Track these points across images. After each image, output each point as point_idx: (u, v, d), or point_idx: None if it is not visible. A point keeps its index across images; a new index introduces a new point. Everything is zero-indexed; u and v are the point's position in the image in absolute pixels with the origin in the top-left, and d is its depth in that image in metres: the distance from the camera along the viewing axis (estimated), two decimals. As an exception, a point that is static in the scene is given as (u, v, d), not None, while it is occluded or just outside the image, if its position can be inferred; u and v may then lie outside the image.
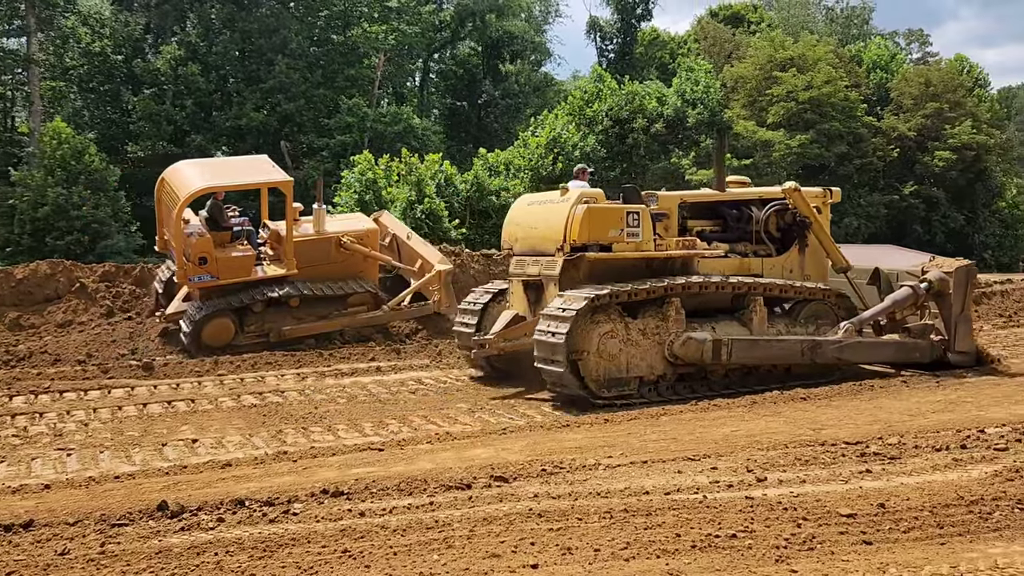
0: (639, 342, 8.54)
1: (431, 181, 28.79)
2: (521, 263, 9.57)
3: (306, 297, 12.24)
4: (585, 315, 8.11)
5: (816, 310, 9.74)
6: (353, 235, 13.13)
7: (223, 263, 11.89)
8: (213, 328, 11.71)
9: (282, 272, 12.31)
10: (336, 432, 7.53)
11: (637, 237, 8.80)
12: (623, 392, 8.49)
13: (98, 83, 41.93)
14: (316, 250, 12.71)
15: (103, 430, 7.60)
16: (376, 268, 13.47)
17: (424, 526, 4.79)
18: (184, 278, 11.92)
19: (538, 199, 10.01)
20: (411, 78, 55.40)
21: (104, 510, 5.20)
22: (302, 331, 12.18)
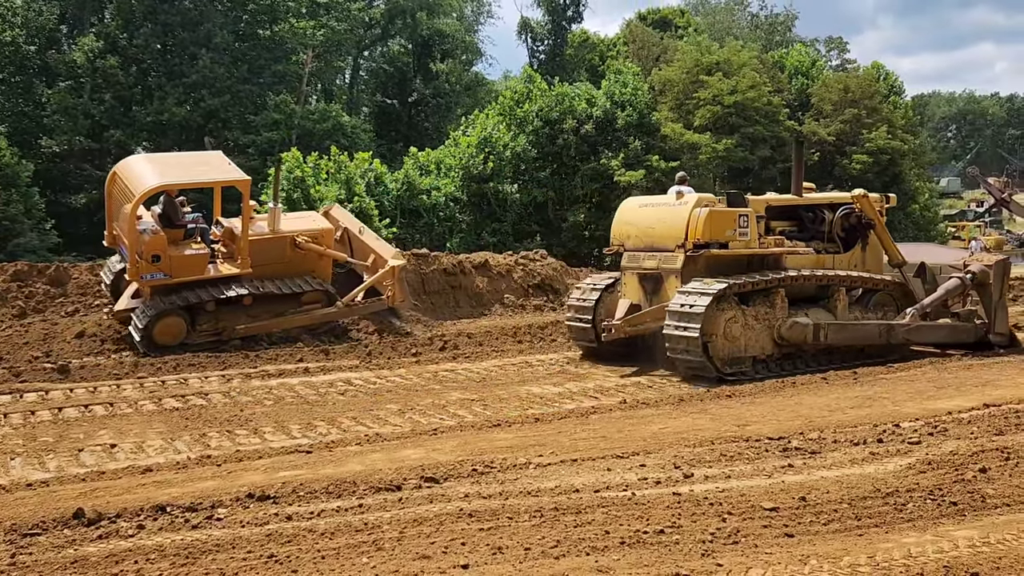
0: (753, 326, 9.87)
1: (361, 180, 28.50)
2: (635, 258, 10.80)
3: (259, 296, 12.05)
4: (715, 303, 9.35)
5: (881, 299, 11.18)
6: (308, 234, 12.94)
7: (176, 261, 11.64)
8: (164, 327, 11.44)
9: (236, 271, 12.10)
10: (262, 435, 7.37)
11: (746, 236, 10.17)
12: (741, 369, 9.76)
13: (9, 74, 40.13)
14: (270, 249, 12.53)
15: (14, 436, 7.27)
16: (330, 266, 13.29)
17: (353, 528, 4.73)
18: (136, 276, 11.59)
19: (649, 201, 11.53)
20: (340, 75, 54.72)
21: (15, 519, 4.98)
22: (255, 329, 12.00)
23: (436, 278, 16.65)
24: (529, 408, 8.33)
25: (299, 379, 9.95)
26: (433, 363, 10.98)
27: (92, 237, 38.57)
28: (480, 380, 9.87)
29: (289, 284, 12.36)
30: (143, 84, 39.81)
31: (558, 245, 33.45)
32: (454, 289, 16.88)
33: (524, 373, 10.34)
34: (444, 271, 16.74)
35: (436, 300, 16.58)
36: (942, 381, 9.26)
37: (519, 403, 8.57)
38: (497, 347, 12.16)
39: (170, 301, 11.54)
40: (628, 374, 10.17)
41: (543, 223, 35.56)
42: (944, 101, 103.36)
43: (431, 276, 16.60)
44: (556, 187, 35.94)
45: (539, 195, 35.08)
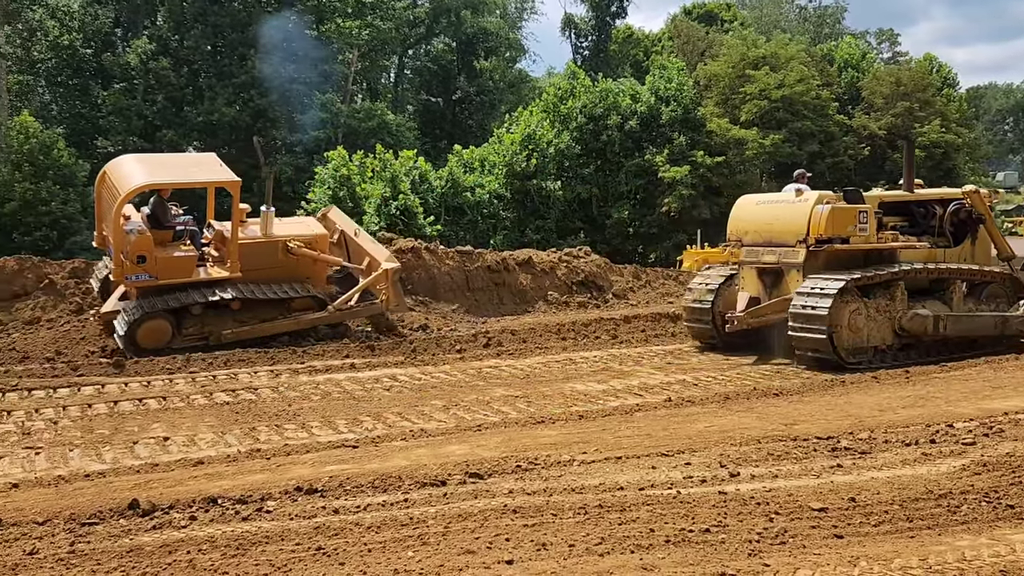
0: (875, 318, 10.26)
1: (405, 177, 28.71)
2: (754, 252, 11.22)
3: (247, 300, 11.74)
4: (840, 296, 9.78)
5: (993, 291, 11.45)
6: (301, 239, 12.64)
7: (163, 262, 11.37)
8: (148, 329, 11.17)
9: (225, 274, 11.83)
10: (310, 429, 7.48)
11: (865, 232, 10.55)
12: (863, 359, 10.14)
13: (66, 77, 41.29)
14: (262, 253, 12.26)
15: (72, 428, 7.49)
16: (324, 272, 13.01)
17: (399, 523, 4.78)
18: (121, 276, 11.36)
19: (767, 199, 11.88)
20: (385, 74, 55.17)
21: (74, 509, 5.13)
22: (242, 334, 11.68)
23: (480, 275, 16.72)
24: (573, 405, 8.32)
25: (345, 375, 10.07)
26: (477, 359, 11.02)
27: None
28: (524, 377, 9.88)
29: (276, 290, 12.00)
30: (194, 85, 40.61)
31: (602, 242, 33.33)
32: (498, 286, 16.94)
33: (568, 370, 10.32)
34: (488, 268, 16.80)
35: (480, 297, 16.66)
36: (998, 381, 9.03)
37: (563, 400, 8.57)
38: (541, 344, 12.17)
39: (155, 303, 11.25)
40: (674, 371, 10.10)
41: (587, 220, 35.45)
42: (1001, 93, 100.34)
43: (475, 273, 16.67)
44: (600, 184, 35.81)
45: (583, 192, 35.00)
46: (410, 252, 16.35)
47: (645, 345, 12.18)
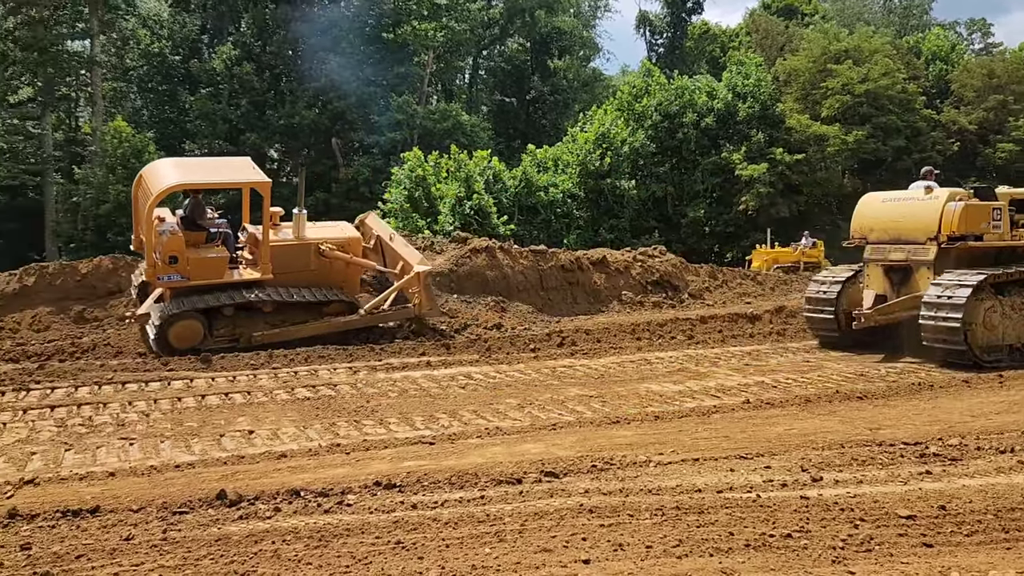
0: (1011, 316, 10.21)
1: (480, 177, 28.94)
2: (880, 250, 11.23)
3: (279, 303, 11.80)
4: (975, 293, 9.76)
5: None
6: (333, 242, 12.61)
7: (194, 263, 11.45)
8: (180, 329, 11.25)
9: (256, 276, 11.86)
10: (388, 425, 7.60)
11: (999, 229, 10.59)
12: (998, 357, 10.05)
13: (157, 83, 42.99)
14: (294, 256, 12.27)
15: (163, 420, 7.80)
16: (358, 275, 12.96)
17: (475, 519, 4.83)
18: (153, 276, 11.51)
19: (893, 196, 11.75)
20: (460, 75, 55.69)
21: (165, 498, 5.34)
22: (272, 337, 11.71)
23: (554, 274, 16.72)
24: (648, 406, 8.25)
25: (421, 372, 10.21)
26: (551, 359, 11.03)
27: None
28: (598, 376, 9.84)
29: (306, 293, 12.01)
30: (276, 89, 41.78)
31: (677, 241, 32.97)
32: (571, 285, 16.91)
33: (643, 370, 10.24)
34: (562, 267, 16.78)
35: (553, 296, 16.66)
36: (1101, 387, 8.57)
37: (638, 400, 8.51)
38: (615, 344, 12.10)
39: (187, 304, 11.32)
40: (752, 373, 9.91)
41: (662, 219, 35.10)
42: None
43: (549, 273, 16.68)
44: (675, 182, 35.41)
45: (657, 190, 34.68)
46: (484, 251, 16.47)
47: (722, 346, 11.99)
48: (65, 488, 5.69)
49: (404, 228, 26.53)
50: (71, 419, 7.79)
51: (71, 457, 6.54)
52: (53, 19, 37.44)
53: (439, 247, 17.77)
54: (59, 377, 9.59)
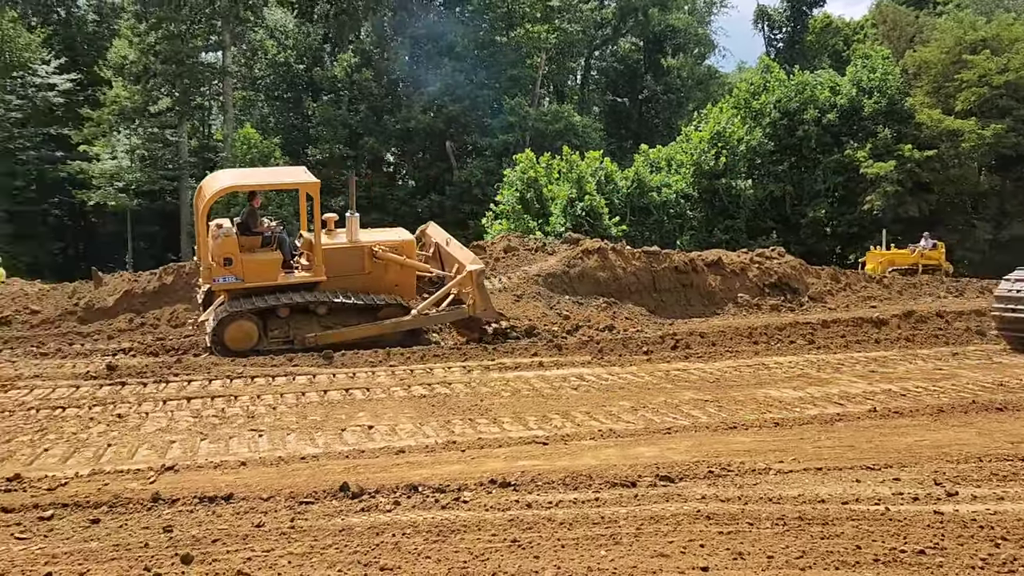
0: None
1: (591, 178, 28.84)
2: None
3: (333, 305, 11.92)
4: None
5: None
6: (386, 245, 12.65)
7: (248, 265, 11.67)
8: (235, 330, 11.52)
9: (310, 278, 12.02)
10: (501, 424, 7.69)
11: None
12: None
13: (282, 91, 44.97)
14: (348, 258, 12.36)
15: (289, 414, 8.15)
16: (413, 278, 12.90)
17: (590, 521, 4.82)
18: (209, 279, 11.80)
19: None
20: (572, 76, 55.69)
21: (292, 488, 5.58)
22: (326, 338, 11.84)
23: (667, 276, 16.49)
24: (767, 412, 8.02)
25: (534, 372, 10.27)
26: (665, 362, 10.88)
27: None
28: (714, 381, 9.64)
29: (365, 297, 12.08)
30: (393, 94, 42.96)
31: (796, 242, 31.90)
32: (685, 287, 16.63)
33: (761, 375, 9.95)
34: (675, 269, 16.53)
35: (667, 298, 16.43)
36: None
37: (756, 406, 8.28)
38: (731, 347, 11.81)
39: (241, 305, 11.53)
40: (878, 380, 9.47)
41: (780, 219, 34.02)
42: None
43: (662, 274, 16.47)
44: (794, 181, 34.25)
45: (775, 190, 33.63)
46: (596, 253, 16.42)
47: (845, 351, 11.50)
48: (201, 475, 6.03)
49: (515, 230, 26.75)
50: (206, 410, 8.25)
51: (206, 446, 6.93)
52: (190, 33, 39.75)
53: (551, 248, 17.84)
54: (194, 371, 10.17)
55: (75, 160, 39.99)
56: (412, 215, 41.69)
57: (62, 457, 6.59)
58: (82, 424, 7.66)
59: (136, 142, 40.00)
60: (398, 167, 47.56)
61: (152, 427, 7.56)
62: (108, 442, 7.01)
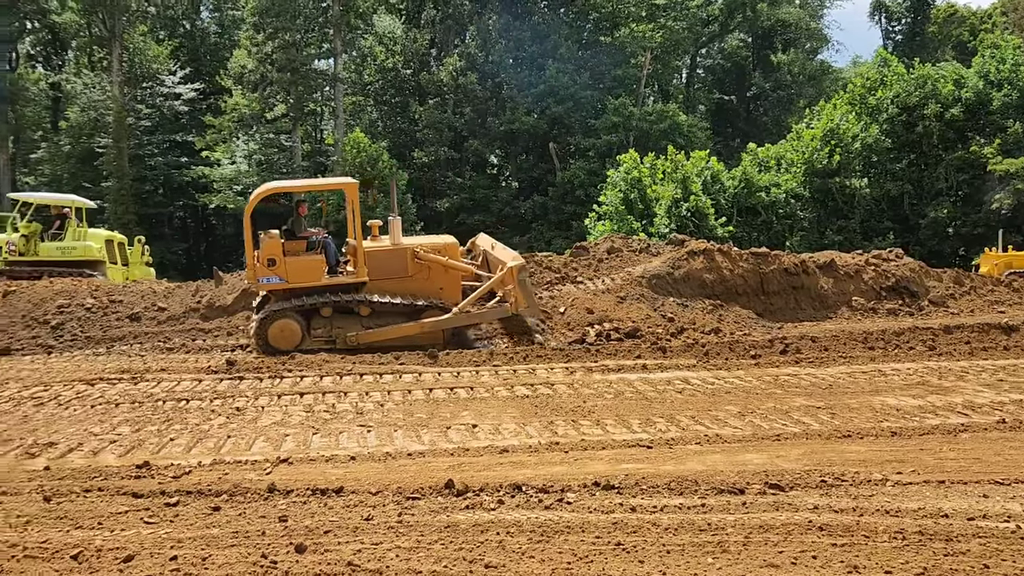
0: None
1: (697, 178, 28.35)
2: None
3: (375, 306, 12.08)
4: None
5: None
6: (428, 247, 12.79)
7: (292, 266, 11.98)
8: (279, 329, 11.84)
9: (352, 279, 12.21)
10: (604, 427, 7.64)
11: None
12: None
13: (390, 96, 46.13)
14: (391, 260, 12.48)
15: (396, 411, 8.34)
16: (458, 283, 12.82)
17: (696, 528, 4.73)
18: (254, 279, 12.15)
19: None
20: (677, 75, 54.83)
21: (400, 483, 5.71)
22: (368, 337, 12.01)
23: (776, 278, 16.03)
24: (884, 420, 7.67)
25: (637, 375, 10.16)
26: (774, 366, 10.56)
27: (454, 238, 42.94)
28: (826, 387, 9.29)
29: (406, 299, 12.19)
30: (497, 96, 43.38)
31: (915, 244, 30.41)
32: (795, 290, 16.13)
33: (876, 382, 9.53)
34: (785, 271, 16.06)
35: (776, 301, 15.98)
36: None
37: (872, 414, 7.93)
38: (844, 353, 11.36)
39: (284, 304, 11.87)
40: (1007, 390, 8.91)
41: (897, 219, 32.49)
42: None
43: (771, 276, 16.02)
44: (913, 180, 32.65)
45: (892, 189, 32.14)
46: (702, 254, 16.11)
47: (970, 359, 10.88)
48: (313, 468, 6.26)
49: (619, 231, 26.56)
50: (317, 406, 8.54)
51: (318, 440, 7.17)
52: (304, 42, 41.30)
53: (655, 249, 17.61)
54: (307, 367, 10.55)
55: (198, 165, 42.23)
56: (515, 216, 42.06)
57: (186, 447, 6.96)
58: (204, 416, 8.07)
59: (253, 147, 41.89)
60: (501, 169, 48.00)
61: (268, 420, 7.89)
62: (228, 434, 7.36)
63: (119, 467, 6.29)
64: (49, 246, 19.99)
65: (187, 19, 51.33)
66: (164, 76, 45.04)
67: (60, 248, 20.02)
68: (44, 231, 20.32)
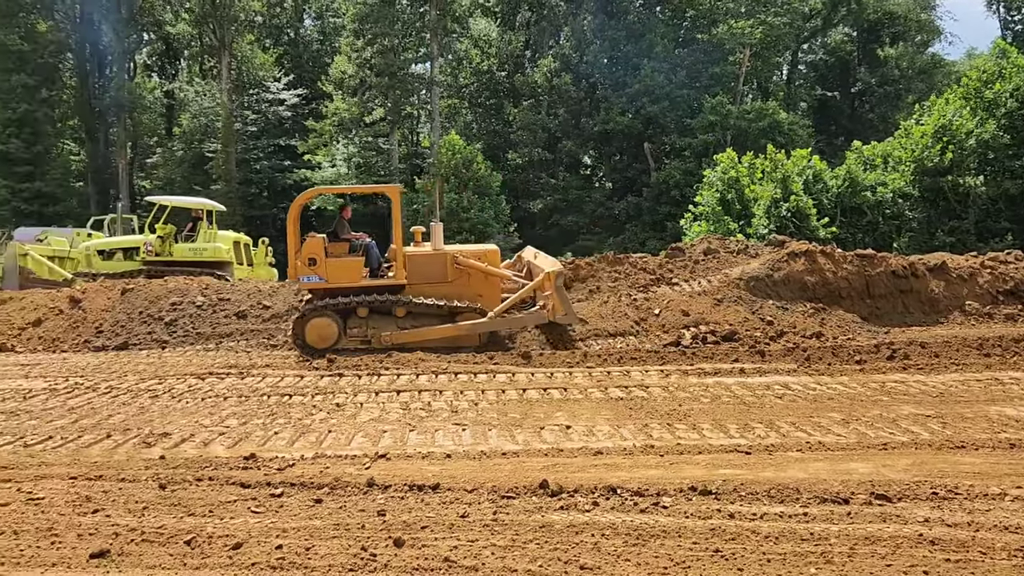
0: None
1: (798, 178, 27.49)
2: None
3: (411, 308, 12.24)
4: None
5: None
6: (469, 253, 12.88)
7: (332, 267, 12.26)
8: (316, 327, 12.09)
9: (391, 282, 12.41)
10: (701, 431, 7.51)
11: None
12: None
13: (485, 98, 46.58)
14: (431, 265, 12.65)
15: (490, 410, 8.42)
16: (498, 290, 12.88)
17: (798, 537, 4.60)
18: (295, 277, 12.48)
19: None
20: (777, 71, 53.33)
21: (494, 482, 5.76)
22: (402, 337, 12.14)
23: (882, 281, 15.39)
24: (1001, 431, 7.26)
25: (734, 379, 9.94)
26: (880, 372, 10.15)
27: (547, 239, 43.08)
28: (937, 395, 8.87)
29: (442, 301, 12.26)
30: (591, 97, 43.23)
31: (1036, 245, 28.60)
32: (903, 293, 15.44)
33: (993, 391, 9.03)
34: (892, 274, 15.40)
35: (882, 305, 15.34)
36: None
37: (987, 424, 7.53)
38: (957, 360, 10.81)
39: (323, 303, 12.12)
40: None
41: (1016, 220, 30.66)
42: None
43: (876, 279, 15.39)
44: (1034, 178, 30.72)
45: (1012, 187, 30.34)
46: (803, 256, 15.62)
47: (1098, 368, 10.19)
48: (410, 464, 6.38)
49: (715, 231, 26.03)
50: (413, 403, 8.70)
51: (414, 437, 7.31)
52: (401, 46, 42.16)
53: (753, 251, 17.18)
54: (404, 365, 10.77)
55: (300, 168, 43.67)
56: (609, 217, 41.80)
57: (289, 440, 7.21)
58: (306, 411, 8.34)
59: (352, 150, 43.03)
60: (595, 169, 47.78)
61: (366, 416, 8.09)
62: (328, 428, 7.59)
63: (228, 458, 6.57)
64: (182, 247, 21.07)
65: (291, 27, 53.19)
66: (269, 83, 46.81)
67: (192, 249, 21.08)
68: (177, 233, 21.41)
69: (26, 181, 42.21)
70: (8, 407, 8.66)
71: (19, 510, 5.31)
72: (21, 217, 40.35)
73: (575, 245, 38.96)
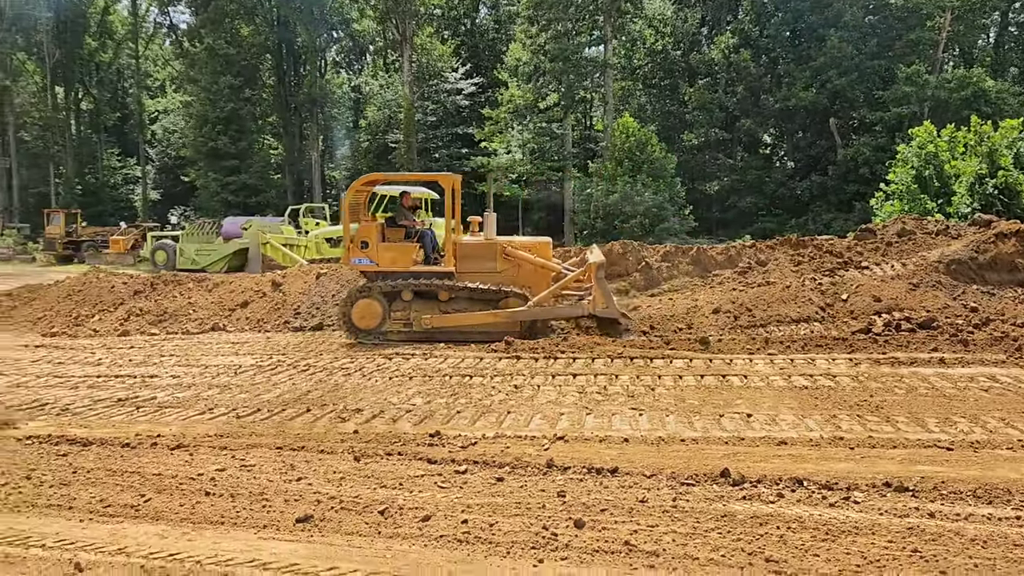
0: None
1: (1007, 151, 24.98)
2: None
3: (455, 292, 12.22)
4: None
5: None
6: (518, 244, 12.91)
7: (383, 251, 12.49)
8: (361, 309, 12.27)
9: (439, 268, 12.49)
10: (895, 424, 7.07)
11: None
12: None
13: (659, 79, 45.76)
14: (481, 254, 12.69)
15: (667, 396, 8.33)
16: (547, 282, 12.69)
17: (1011, 542, 4.24)
18: (347, 260, 12.77)
19: None
20: (984, 35, 48.60)
21: (673, 468, 5.71)
22: (441, 321, 12.11)
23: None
24: None
25: (933, 370, 9.26)
26: (1108, 366, 9.11)
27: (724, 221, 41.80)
28: None
29: (486, 287, 12.23)
30: (772, 73, 41.39)
31: None
32: None
33: None
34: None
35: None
36: None
37: None
38: None
39: (370, 286, 12.28)
40: None
41: None
42: None
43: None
44: None
45: None
46: (1014, 236, 14.22)
47: None
48: (587, 447, 6.44)
49: (910, 211, 24.25)
50: (589, 387, 8.77)
51: (591, 420, 7.37)
52: (575, 30, 42.19)
53: (954, 231, 15.86)
54: (579, 349, 10.86)
55: (477, 156, 44.87)
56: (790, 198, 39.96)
57: (471, 419, 7.48)
58: (486, 391, 8.62)
59: (527, 136, 43.64)
60: (775, 148, 45.75)
61: (543, 399, 8.24)
62: (507, 409, 7.80)
63: (415, 434, 6.92)
64: None
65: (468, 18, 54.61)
66: (447, 73, 48.36)
67: None
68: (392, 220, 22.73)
69: (233, 174, 46.20)
70: (222, 381, 9.56)
71: (234, 475, 5.87)
72: (228, 208, 44.25)
73: (753, 227, 37.55)
